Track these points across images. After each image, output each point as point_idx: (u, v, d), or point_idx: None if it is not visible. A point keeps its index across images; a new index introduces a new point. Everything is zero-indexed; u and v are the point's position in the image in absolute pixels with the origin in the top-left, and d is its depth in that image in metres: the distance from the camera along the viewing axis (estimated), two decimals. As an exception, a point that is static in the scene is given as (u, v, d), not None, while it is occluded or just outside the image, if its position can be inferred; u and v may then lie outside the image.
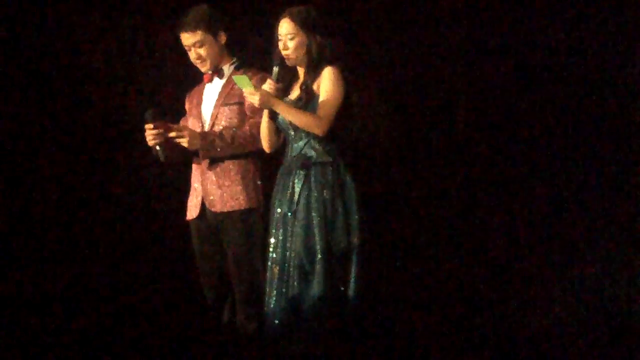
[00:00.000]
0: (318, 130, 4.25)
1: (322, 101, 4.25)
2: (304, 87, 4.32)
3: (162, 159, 4.45)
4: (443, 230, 5.27)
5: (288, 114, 4.28)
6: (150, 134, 4.40)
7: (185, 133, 4.41)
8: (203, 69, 4.55)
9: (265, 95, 4.26)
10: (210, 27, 4.48)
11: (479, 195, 5.26)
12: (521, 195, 5.25)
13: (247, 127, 4.47)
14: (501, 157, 5.25)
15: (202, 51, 4.49)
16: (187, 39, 4.49)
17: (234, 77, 4.33)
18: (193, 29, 4.46)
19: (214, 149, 4.43)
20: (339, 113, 4.26)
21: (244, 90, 4.28)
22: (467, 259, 5.22)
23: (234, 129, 4.46)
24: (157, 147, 4.42)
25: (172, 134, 4.40)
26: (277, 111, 4.29)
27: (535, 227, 5.21)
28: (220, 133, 4.44)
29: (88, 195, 5.33)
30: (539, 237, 5.20)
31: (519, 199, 5.24)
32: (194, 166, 4.59)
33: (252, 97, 4.27)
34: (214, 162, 4.49)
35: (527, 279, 5.14)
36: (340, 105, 4.26)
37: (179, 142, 4.41)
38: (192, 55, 4.53)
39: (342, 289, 4.24)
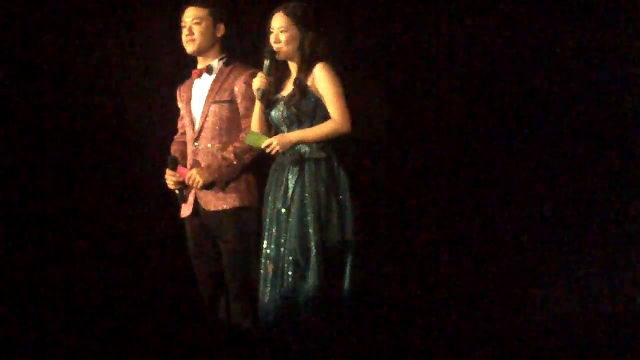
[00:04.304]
0: (344, 129, 4.28)
1: (330, 101, 4.27)
2: (297, 82, 4.32)
3: (182, 201, 4.56)
4: (438, 226, 5.26)
5: (310, 136, 4.29)
6: (171, 180, 4.51)
7: (194, 176, 4.45)
8: (188, 49, 4.55)
9: (281, 139, 4.30)
10: (215, 12, 4.53)
11: (476, 190, 5.25)
12: (520, 194, 5.25)
13: (244, 135, 4.47)
14: (499, 155, 5.24)
15: (196, 28, 4.52)
16: (190, 12, 4.53)
17: (245, 141, 4.37)
18: (199, 4, 4.52)
19: (227, 175, 4.47)
20: (346, 103, 4.29)
21: (262, 146, 4.32)
22: (462, 255, 5.21)
23: (234, 145, 4.47)
24: (177, 191, 4.53)
25: (189, 182, 4.48)
26: (299, 141, 4.30)
27: (534, 223, 5.21)
28: (223, 157, 4.46)
29: (84, 195, 5.32)
30: (537, 233, 5.20)
31: (517, 197, 5.24)
32: (187, 165, 4.60)
33: (272, 148, 4.29)
34: (206, 161, 4.52)
35: (526, 276, 5.13)
36: (345, 95, 4.29)
37: (195, 186, 4.47)
38: (184, 32, 4.55)
39: (337, 284, 4.24)
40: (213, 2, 4.53)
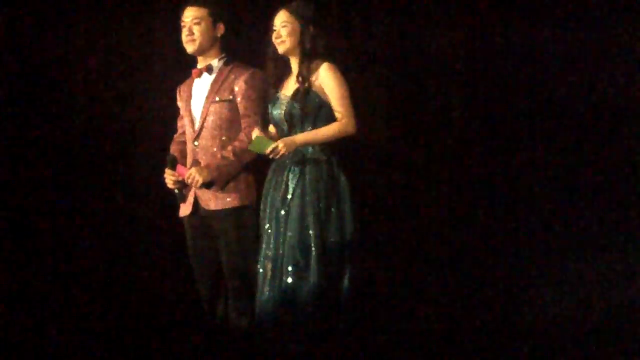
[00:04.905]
0: (351, 131, 4.30)
1: (336, 102, 4.29)
2: (299, 78, 4.33)
3: (181, 200, 4.56)
4: (437, 226, 5.26)
5: (316, 138, 4.30)
6: (170, 179, 4.51)
7: (193, 175, 4.44)
8: (189, 49, 4.56)
9: (287, 142, 4.29)
10: (214, 11, 4.53)
11: (476, 191, 5.25)
12: (520, 194, 5.24)
13: (243, 135, 4.49)
14: (499, 155, 5.24)
15: (196, 29, 4.52)
16: (189, 12, 4.53)
17: (250, 148, 4.35)
18: (199, 4, 4.52)
19: (226, 174, 4.46)
20: (351, 103, 4.31)
21: (267, 151, 4.29)
22: (461, 255, 5.21)
23: (234, 144, 4.47)
24: (176, 191, 4.53)
25: (188, 181, 4.46)
26: (306, 143, 4.31)
27: (533, 224, 5.20)
28: (222, 156, 4.46)
29: (84, 195, 5.33)
30: (537, 234, 5.19)
31: (517, 197, 5.23)
32: (187, 164, 4.59)
33: (278, 151, 4.27)
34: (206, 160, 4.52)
35: (526, 277, 5.12)
36: (350, 96, 4.30)
37: (194, 185, 4.46)
38: (184, 32, 4.55)
39: (336, 284, 4.24)
40: (212, 2, 4.54)
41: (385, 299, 4.84)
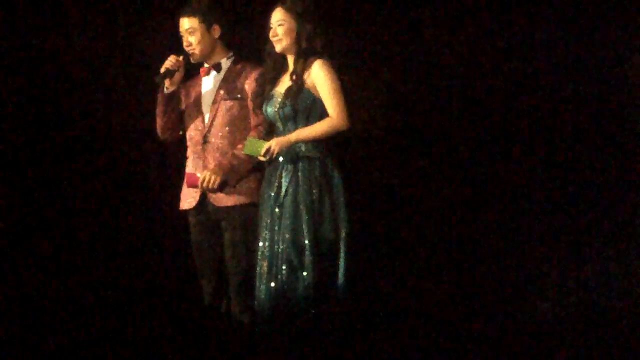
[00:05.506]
0: (342, 126, 4.29)
1: (327, 98, 4.29)
2: (293, 76, 4.34)
3: (160, 79, 4.55)
4: (433, 223, 5.24)
5: (308, 135, 4.31)
6: (174, 58, 4.52)
7: (209, 177, 4.46)
8: (192, 59, 4.60)
9: (280, 141, 4.32)
10: (205, 17, 4.56)
11: (473, 189, 5.24)
12: (518, 193, 5.22)
13: (254, 133, 4.52)
14: (498, 154, 5.22)
15: (192, 39, 4.56)
16: (183, 23, 4.58)
17: (244, 151, 4.38)
18: (189, 14, 4.56)
19: (239, 173, 4.51)
20: (344, 100, 4.31)
21: (261, 152, 4.32)
22: (457, 253, 5.20)
23: (244, 144, 4.46)
24: (168, 73, 4.53)
25: (204, 185, 4.48)
26: (298, 141, 4.31)
27: (531, 222, 5.18)
28: (234, 155, 4.50)
29: (86, 189, 5.36)
30: (534, 232, 5.17)
31: (516, 196, 5.21)
32: (194, 159, 4.62)
33: (272, 151, 4.31)
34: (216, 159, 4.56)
35: (522, 273, 5.12)
36: (342, 92, 4.30)
37: (212, 186, 4.47)
38: (184, 43, 4.60)
39: (330, 282, 4.25)
40: (201, 9, 4.55)
41: (380, 296, 4.84)
